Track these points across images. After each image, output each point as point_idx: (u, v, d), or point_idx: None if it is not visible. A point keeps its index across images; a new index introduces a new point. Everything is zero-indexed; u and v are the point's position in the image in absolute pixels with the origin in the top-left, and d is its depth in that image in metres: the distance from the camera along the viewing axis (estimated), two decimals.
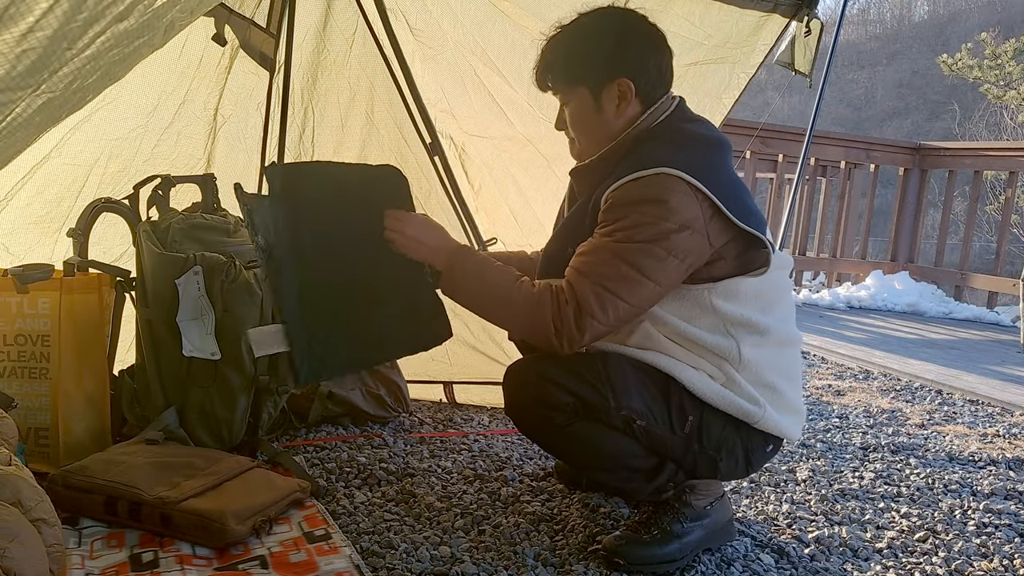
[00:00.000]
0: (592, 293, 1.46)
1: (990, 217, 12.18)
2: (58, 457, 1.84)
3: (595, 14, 1.63)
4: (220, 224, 2.10)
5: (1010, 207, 6.10)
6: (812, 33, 2.26)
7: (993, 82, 11.32)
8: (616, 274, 1.46)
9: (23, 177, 2.11)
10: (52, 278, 1.85)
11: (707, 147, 1.57)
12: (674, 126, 1.59)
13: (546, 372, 1.54)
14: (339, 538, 1.58)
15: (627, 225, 1.46)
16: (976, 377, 3.64)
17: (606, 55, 1.59)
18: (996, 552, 1.77)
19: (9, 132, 1.00)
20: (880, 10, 31.65)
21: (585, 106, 1.62)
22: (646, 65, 1.60)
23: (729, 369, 1.56)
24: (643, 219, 1.45)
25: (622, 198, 1.49)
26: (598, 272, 1.47)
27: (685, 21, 2.25)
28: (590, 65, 1.60)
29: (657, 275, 1.47)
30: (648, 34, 1.62)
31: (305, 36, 2.43)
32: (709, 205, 1.48)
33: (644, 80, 1.59)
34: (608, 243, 1.48)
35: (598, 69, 1.59)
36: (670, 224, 1.45)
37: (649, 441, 1.55)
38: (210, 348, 1.90)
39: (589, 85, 1.60)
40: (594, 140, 1.63)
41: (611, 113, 1.60)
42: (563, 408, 1.52)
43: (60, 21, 0.91)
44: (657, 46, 1.62)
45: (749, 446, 1.62)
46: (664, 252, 1.45)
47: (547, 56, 1.64)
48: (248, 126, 2.48)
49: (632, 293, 1.47)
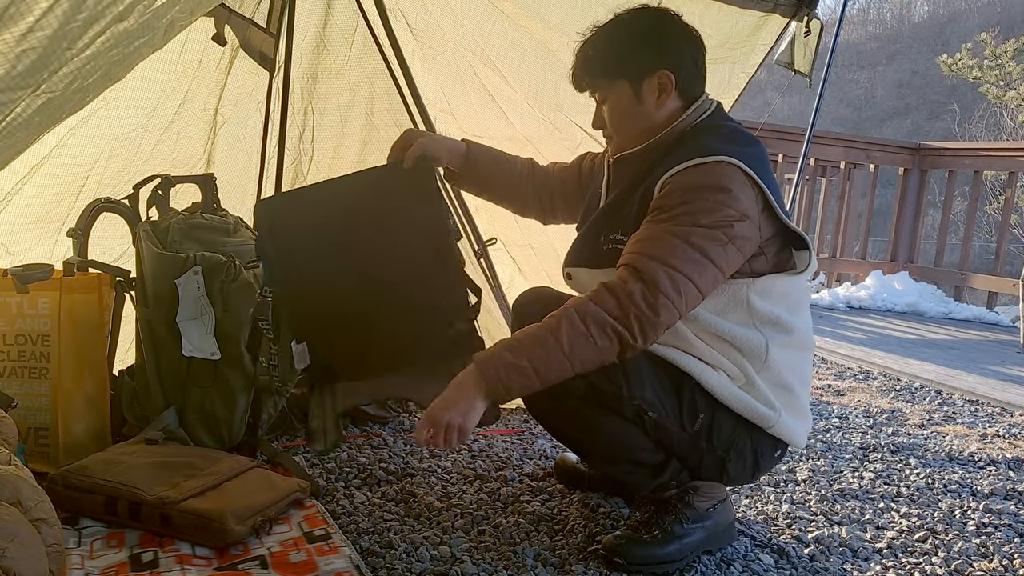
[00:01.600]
0: (664, 273, 1.41)
1: (990, 217, 12.19)
2: (58, 457, 1.84)
3: (632, 12, 1.63)
4: (220, 224, 2.10)
5: (1010, 207, 6.10)
6: (812, 33, 2.26)
7: (993, 82, 11.32)
8: (685, 256, 1.43)
9: (23, 177, 2.11)
10: (52, 278, 1.85)
11: (755, 144, 1.58)
12: (719, 123, 1.60)
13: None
14: (339, 538, 1.58)
15: (690, 210, 1.44)
16: (976, 377, 3.64)
17: (645, 48, 1.59)
18: (996, 552, 1.77)
19: (9, 132, 1.00)
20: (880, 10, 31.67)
21: (625, 99, 1.61)
22: (684, 58, 1.60)
23: (750, 370, 1.55)
24: (706, 204, 1.44)
25: (683, 183, 1.48)
26: (665, 254, 1.43)
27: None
28: (629, 58, 1.59)
29: (720, 260, 1.45)
30: (685, 28, 1.63)
31: (305, 36, 2.43)
32: (762, 198, 1.49)
33: (683, 73, 1.59)
34: (672, 227, 1.45)
35: (638, 61, 1.58)
36: (732, 211, 1.45)
37: (658, 435, 1.54)
38: (210, 348, 1.91)
39: (629, 78, 1.59)
40: (635, 133, 1.63)
41: (652, 105, 1.60)
42: (575, 393, 1.50)
43: (60, 21, 0.91)
44: (694, 40, 1.63)
45: (759, 449, 1.61)
46: (726, 238, 1.45)
47: (585, 53, 1.63)
48: (248, 126, 2.49)
49: (701, 276, 1.44)
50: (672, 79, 1.58)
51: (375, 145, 2.59)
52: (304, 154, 2.57)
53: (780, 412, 1.56)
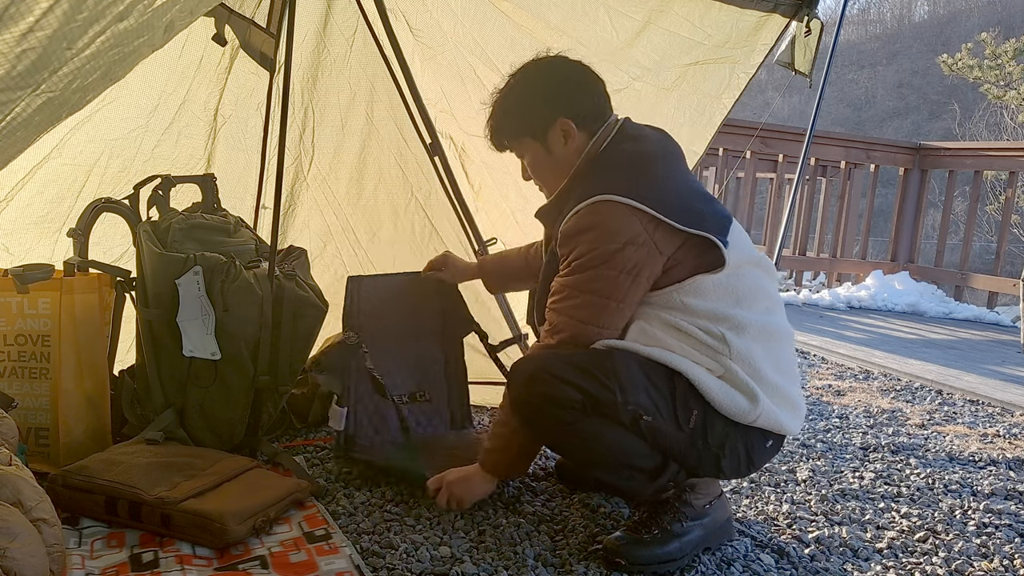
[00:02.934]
0: (567, 326, 1.60)
1: (990, 217, 12.19)
2: (58, 457, 1.84)
3: (522, 70, 1.76)
4: (220, 224, 2.10)
5: (1010, 207, 6.10)
6: (812, 33, 2.26)
7: (993, 82, 11.33)
8: (580, 304, 1.58)
9: (23, 177, 2.11)
10: (52, 278, 1.85)
11: (647, 163, 1.67)
12: (615, 149, 1.69)
13: (554, 369, 1.55)
14: (339, 538, 1.58)
15: (576, 256, 1.59)
16: (976, 377, 3.64)
17: (541, 104, 1.71)
18: (996, 552, 1.77)
19: (9, 132, 1.00)
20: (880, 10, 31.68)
21: (538, 154, 1.74)
22: (578, 99, 1.71)
23: (725, 360, 1.57)
24: (587, 247, 1.57)
25: (567, 233, 1.61)
26: (565, 307, 1.61)
27: (685, 21, 2.25)
28: (528, 118, 1.72)
29: (614, 293, 1.56)
30: (573, 71, 1.74)
31: (305, 36, 2.43)
32: (649, 219, 1.56)
33: (581, 113, 1.70)
34: (565, 279, 1.61)
35: (537, 118, 1.71)
36: (612, 244, 1.55)
37: (654, 438, 1.55)
38: (210, 348, 1.91)
39: (534, 134, 1.72)
40: (555, 180, 1.74)
41: (561, 152, 1.71)
42: (572, 405, 1.52)
43: (60, 21, 0.91)
44: (585, 81, 1.74)
45: (749, 442, 1.61)
46: (614, 271, 1.55)
47: (492, 121, 1.77)
48: (248, 126, 2.49)
49: (599, 316, 1.58)
50: (572, 123, 1.69)
51: (375, 145, 2.59)
52: (304, 154, 2.57)
53: (761, 401, 1.57)
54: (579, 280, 1.58)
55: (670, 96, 2.40)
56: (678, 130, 2.44)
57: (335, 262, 2.71)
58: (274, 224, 2.05)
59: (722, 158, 5.94)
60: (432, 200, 2.64)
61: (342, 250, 2.71)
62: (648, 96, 2.41)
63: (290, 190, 2.59)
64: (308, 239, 2.62)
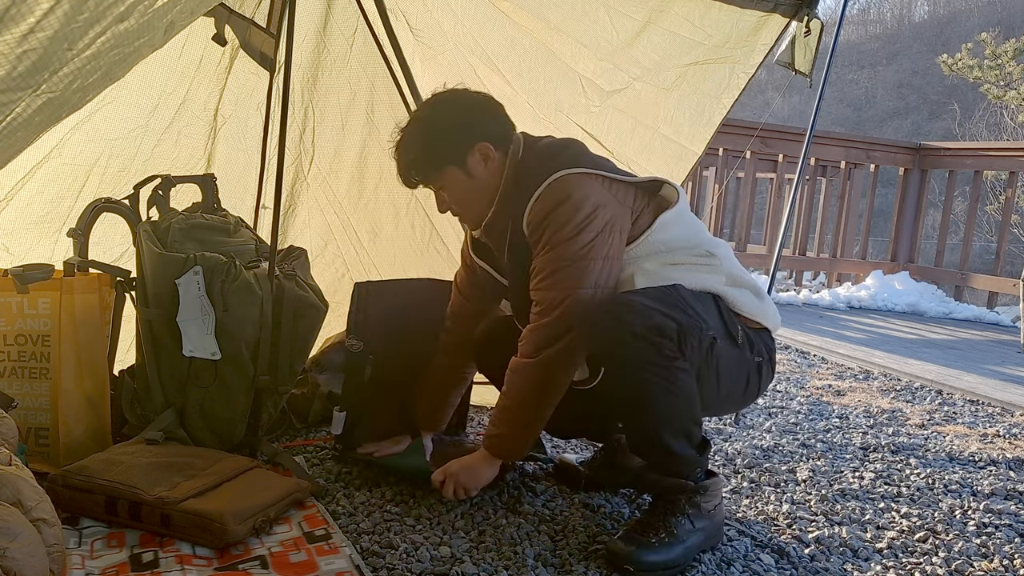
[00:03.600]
0: (559, 297, 1.63)
1: (990, 217, 12.18)
2: (58, 457, 1.84)
3: (430, 104, 1.81)
4: (220, 224, 2.10)
5: (1010, 207, 6.10)
6: (812, 33, 2.26)
7: (993, 82, 11.32)
8: (566, 274, 1.63)
9: (23, 177, 2.11)
10: (52, 278, 1.85)
11: (567, 146, 1.77)
12: (535, 150, 1.77)
13: (644, 302, 1.56)
14: (339, 538, 1.58)
15: (551, 234, 1.63)
16: (976, 377, 3.64)
17: (458, 131, 1.75)
18: (996, 552, 1.77)
19: (9, 132, 1.00)
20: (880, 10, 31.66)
21: (460, 181, 1.76)
22: (491, 125, 1.78)
23: (723, 269, 1.71)
24: (561, 222, 1.62)
25: (537, 216, 1.66)
26: (552, 282, 1.64)
27: (685, 21, 2.26)
28: (448, 147, 1.75)
29: (597, 254, 1.62)
30: (480, 99, 1.80)
31: (305, 36, 2.43)
32: (603, 180, 1.67)
33: (496, 137, 1.76)
34: (546, 258, 1.65)
35: (455, 146, 1.74)
36: (582, 212, 1.61)
37: (719, 365, 1.62)
38: (210, 348, 1.91)
39: (455, 162, 1.75)
40: (480, 203, 1.79)
41: (483, 175, 1.76)
42: (670, 334, 1.54)
43: (61, 22, 0.91)
44: (492, 106, 1.81)
45: (768, 342, 1.76)
46: (591, 235, 1.62)
47: (406, 158, 1.78)
48: (248, 126, 2.49)
49: (588, 277, 1.62)
50: (490, 146, 1.74)
51: (375, 145, 2.59)
52: (304, 154, 2.57)
53: (764, 294, 1.75)
54: (559, 253, 1.62)
55: (670, 96, 2.40)
56: (678, 130, 2.45)
57: (335, 262, 2.71)
58: (274, 224, 2.05)
59: (722, 158, 5.95)
60: (432, 199, 2.63)
61: (343, 250, 2.71)
62: (648, 96, 2.41)
63: (290, 190, 2.59)
64: (308, 239, 2.62)
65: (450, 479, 1.76)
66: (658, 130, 2.46)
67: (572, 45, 2.36)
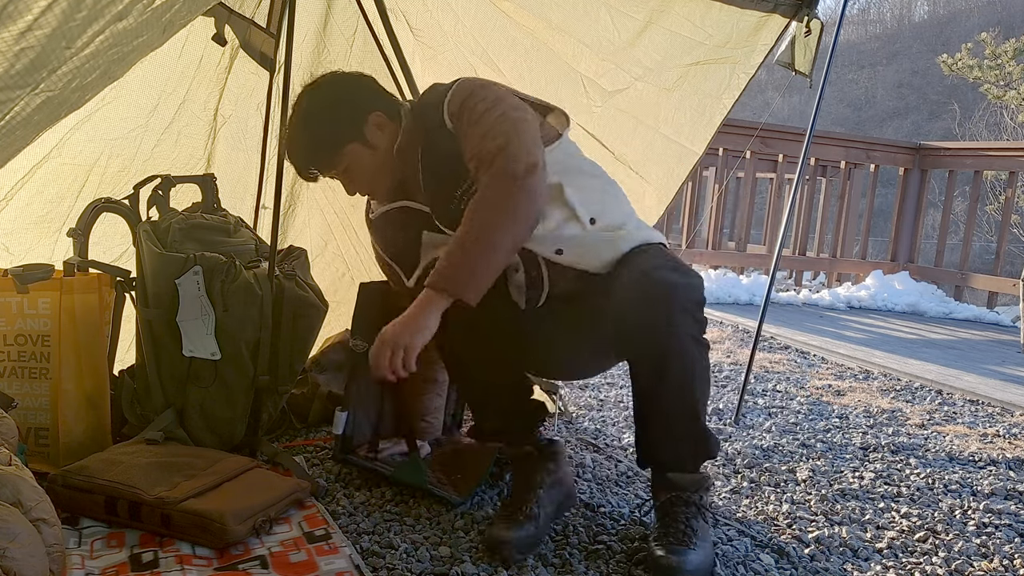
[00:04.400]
0: (500, 132, 1.57)
1: (990, 217, 12.18)
2: (58, 457, 1.84)
3: (305, 95, 1.78)
4: (220, 224, 2.10)
5: (1010, 207, 6.10)
6: (812, 33, 2.26)
7: (993, 82, 11.32)
8: (497, 117, 1.59)
9: (23, 177, 2.11)
10: (52, 278, 1.85)
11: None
12: (425, 100, 1.76)
13: (676, 273, 1.58)
14: (339, 538, 1.58)
15: (472, 109, 1.62)
16: (976, 377, 3.63)
17: (348, 107, 1.74)
18: (996, 552, 1.77)
19: (8, 131, 1.00)
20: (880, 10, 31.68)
21: (362, 155, 1.74)
22: (376, 96, 1.79)
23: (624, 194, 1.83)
24: (477, 98, 1.63)
25: (453, 109, 1.65)
26: (485, 131, 1.58)
27: (686, 21, 2.26)
28: (342, 123, 1.73)
29: (517, 102, 1.65)
30: (353, 75, 1.83)
31: (305, 36, 2.43)
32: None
33: (383, 105, 1.77)
34: (473, 127, 1.60)
35: (350, 121, 1.73)
36: (495, 88, 1.68)
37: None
38: (210, 348, 1.91)
39: (354, 137, 1.73)
40: (384, 176, 1.77)
41: (383, 143, 1.75)
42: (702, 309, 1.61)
43: (59, 20, 0.91)
44: (365, 80, 1.83)
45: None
46: (507, 93, 1.67)
47: (301, 154, 1.77)
48: (248, 126, 2.48)
49: (517, 108, 1.63)
50: (381, 113, 1.75)
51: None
52: None
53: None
54: (484, 114, 1.60)
55: (671, 96, 2.40)
56: (679, 130, 2.45)
57: (336, 261, 2.71)
58: (274, 224, 2.05)
59: (722, 158, 5.94)
60: None
61: (343, 250, 2.71)
62: (650, 96, 2.41)
63: (290, 190, 2.58)
64: (308, 239, 2.61)
65: (384, 347, 1.53)
66: (659, 130, 2.46)
67: (573, 45, 2.36)
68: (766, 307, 2.56)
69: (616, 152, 2.50)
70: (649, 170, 2.51)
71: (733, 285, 5.55)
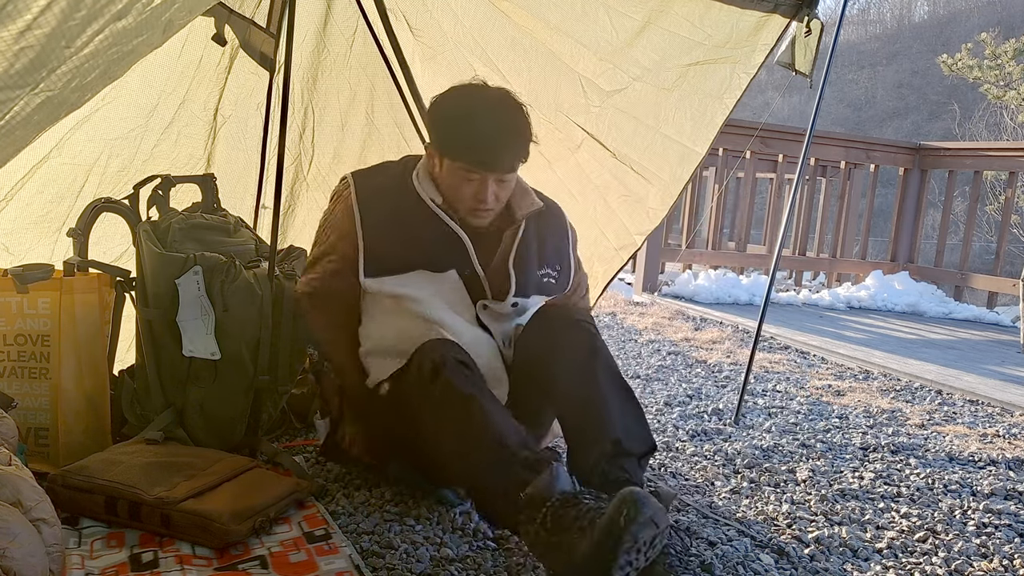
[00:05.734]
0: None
1: (990, 217, 12.19)
2: (58, 457, 1.84)
3: (502, 90, 1.77)
4: (220, 224, 2.10)
5: (1010, 207, 6.10)
6: (812, 33, 2.26)
7: (993, 82, 11.33)
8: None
9: (23, 177, 2.11)
10: (52, 278, 1.85)
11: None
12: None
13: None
14: (339, 538, 1.58)
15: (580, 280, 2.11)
16: (976, 377, 3.63)
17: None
18: (996, 552, 1.76)
19: (8, 131, 1.00)
20: (880, 10, 31.70)
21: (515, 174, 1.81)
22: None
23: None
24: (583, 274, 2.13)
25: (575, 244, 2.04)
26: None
27: (686, 21, 2.25)
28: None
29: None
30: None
31: (305, 36, 2.43)
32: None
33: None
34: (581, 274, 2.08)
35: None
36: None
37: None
38: (210, 348, 1.91)
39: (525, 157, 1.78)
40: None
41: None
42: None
43: (58, 19, 0.91)
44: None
45: None
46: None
47: (520, 139, 1.74)
48: (248, 126, 2.49)
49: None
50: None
51: (375, 145, 2.59)
52: (304, 154, 2.57)
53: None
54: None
55: (671, 96, 2.40)
56: (680, 130, 2.45)
57: None
58: (274, 224, 2.05)
59: (722, 158, 5.94)
60: None
61: None
62: (649, 96, 2.41)
63: (290, 190, 2.59)
64: (308, 239, 2.61)
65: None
66: (660, 130, 2.46)
67: (572, 45, 2.36)
68: (766, 307, 2.56)
69: (617, 153, 2.50)
70: (651, 170, 2.51)
71: (733, 285, 5.55)
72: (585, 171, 2.56)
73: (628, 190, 2.54)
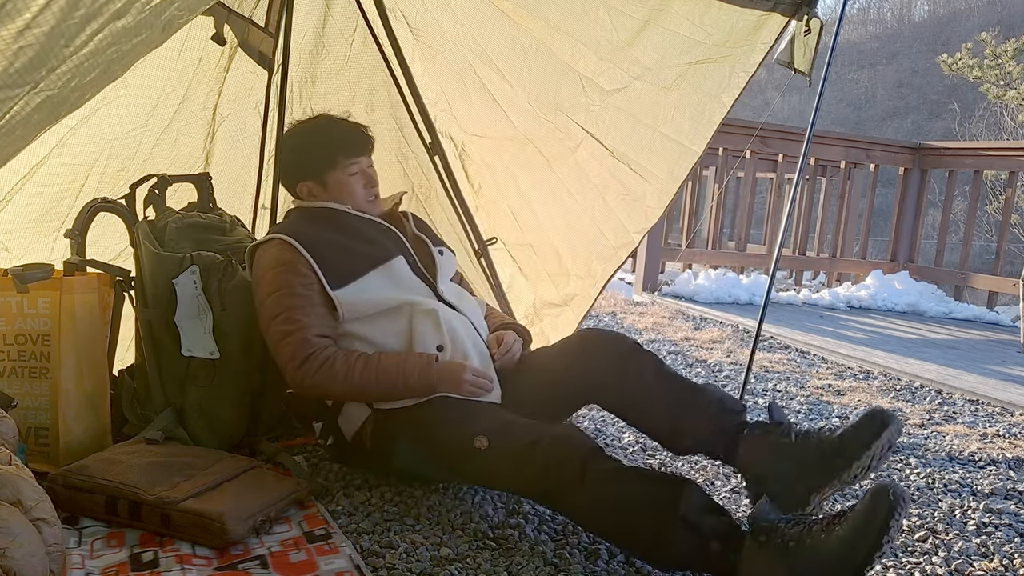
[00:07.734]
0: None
1: (990, 217, 12.18)
2: (58, 457, 1.84)
3: (325, 112, 2.10)
4: (216, 223, 2.10)
5: (1010, 207, 6.09)
6: (812, 32, 2.25)
7: (993, 82, 11.33)
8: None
9: (23, 176, 2.11)
10: (52, 278, 1.85)
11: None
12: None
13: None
14: (339, 538, 1.58)
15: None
16: (976, 377, 3.63)
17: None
18: (996, 552, 1.76)
19: (8, 130, 1.00)
20: (880, 10, 31.70)
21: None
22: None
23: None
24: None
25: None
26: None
27: (685, 20, 2.25)
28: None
29: None
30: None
31: (304, 35, 2.43)
32: None
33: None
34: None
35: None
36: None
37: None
38: (209, 347, 1.90)
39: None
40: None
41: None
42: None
43: (57, 18, 0.90)
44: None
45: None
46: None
47: (362, 125, 2.03)
48: (247, 125, 2.48)
49: None
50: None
51: (376, 144, 2.59)
52: None
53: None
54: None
55: (670, 95, 2.40)
56: (679, 129, 2.45)
57: None
58: (272, 224, 2.05)
59: (722, 158, 5.94)
60: (432, 199, 2.64)
61: None
62: (648, 95, 2.41)
63: None
64: None
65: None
66: (658, 129, 2.46)
67: (572, 44, 2.36)
68: (766, 307, 2.56)
69: (616, 151, 2.50)
70: (649, 169, 2.51)
71: (733, 285, 5.55)
72: (584, 170, 2.56)
73: (626, 189, 2.54)
